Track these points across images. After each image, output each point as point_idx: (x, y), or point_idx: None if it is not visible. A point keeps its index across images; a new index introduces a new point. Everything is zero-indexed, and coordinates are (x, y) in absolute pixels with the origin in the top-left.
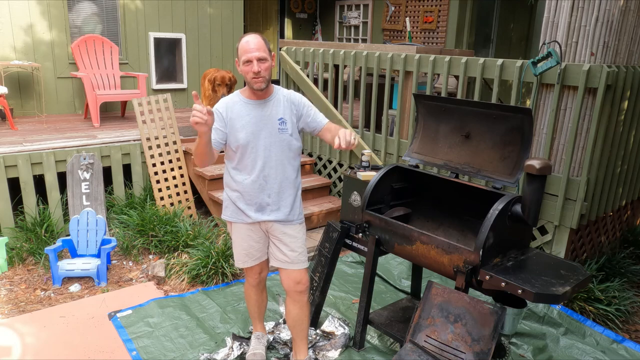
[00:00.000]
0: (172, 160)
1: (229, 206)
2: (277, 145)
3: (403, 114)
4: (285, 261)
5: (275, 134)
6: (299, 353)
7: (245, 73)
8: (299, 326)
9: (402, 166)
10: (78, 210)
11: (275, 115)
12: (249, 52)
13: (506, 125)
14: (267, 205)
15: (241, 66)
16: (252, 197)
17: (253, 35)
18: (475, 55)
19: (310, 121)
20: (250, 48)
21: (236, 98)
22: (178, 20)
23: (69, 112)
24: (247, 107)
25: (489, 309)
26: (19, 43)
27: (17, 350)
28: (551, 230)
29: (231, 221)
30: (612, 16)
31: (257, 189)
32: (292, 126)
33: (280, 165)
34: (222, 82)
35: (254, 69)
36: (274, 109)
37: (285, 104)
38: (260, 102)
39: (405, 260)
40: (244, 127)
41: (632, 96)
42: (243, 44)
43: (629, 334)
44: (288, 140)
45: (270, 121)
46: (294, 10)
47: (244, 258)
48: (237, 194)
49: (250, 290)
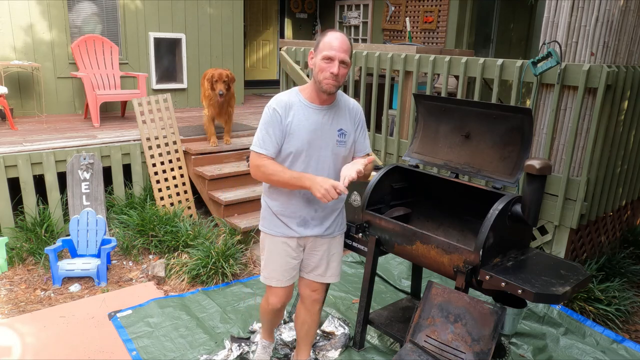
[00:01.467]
0: (172, 160)
1: (267, 217)
2: (332, 157)
3: (403, 114)
4: (320, 275)
5: (333, 145)
6: (301, 354)
7: (320, 70)
8: (308, 333)
9: (402, 166)
10: (78, 210)
11: (336, 125)
12: (334, 50)
13: (506, 125)
14: (312, 219)
15: (317, 60)
16: (296, 210)
17: (340, 33)
18: (475, 55)
19: (357, 143)
20: (337, 46)
21: (295, 98)
22: (178, 20)
23: (69, 112)
24: (307, 111)
25: (489, 309)
26: (19, 43)
27: (17, 350)
28: (551, 230)
29: (269, 234)
30: (612, 16)
31: (303, 202)
32: (350, 139)
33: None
34: (220, 79)
35: (334, 69)
36: (335, 118)
37: (347, 114)
38: (322, 108)
39: (405, 260)
40: (299, 133)
41: (632, 96)
42: (330, 39)
43: (629, 334)
44: (344, 155)
45: (330, 131)
46: (294, 10)
47: (280, 276)
48: (278, 203)
49: (269, 312)
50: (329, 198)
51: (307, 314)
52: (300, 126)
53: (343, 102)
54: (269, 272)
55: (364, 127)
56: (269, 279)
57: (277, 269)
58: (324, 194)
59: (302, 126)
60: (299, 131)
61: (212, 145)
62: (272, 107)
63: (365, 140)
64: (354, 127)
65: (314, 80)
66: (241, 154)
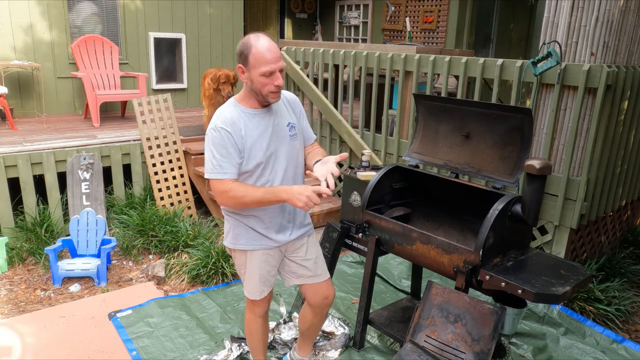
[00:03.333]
0: (172, 160)
1: (242, 233)
2: (291, 154)
3: (403, 114)
4: (309, 275)
5: (288, 142)
6: (303, 349)
7: (262, 85)
8: (313, 332)
9: (402, 166)
10: (78, 210)
11: (283, 121)
12: (272, 63)
13: (506, 125)
14: (289, 222)
15: (256, 76)
16: (272, 218)
17: (266, 39)
18: (475, 55)
19: (304, 131)
20: (271, 58)
21: (235, 111)
22: (178, 20)
23: (69, 112)
24: (254, 118)
25: (489, 309)
26: (19, 43)
27: (17, 350)
28: (551, 230)
29: (249, 249)
30: (612, 16)
31: (278, 208)
32: (299, 129)
33: (297, 176)
34: (227, 80)
35: (278, 82)
36: (279, 115)
37: (288, 107)
38: (265, 111)
39: (405, 260)
40: (259, 143)
41: (632, 96)
42: (262, 52)
43: (629, 334)
44: (299, 147)
45: (281, 129)
46: (294, 10)
47: (261, 287)
48: (253, 217)
49: (256, 323)
50: (311, 205)
51: (315, 317)
52: (255, 136)
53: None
54: (252, 286)
55: (304, 114)
56: (253, 293)
57: (259, 282)
58: (306, 202)
59: (256, 135)
60: (256, 140)
61: None
62: (219, 127)
63: (309, 127)
64: (297, 117)
65: (255, 93)
66: None
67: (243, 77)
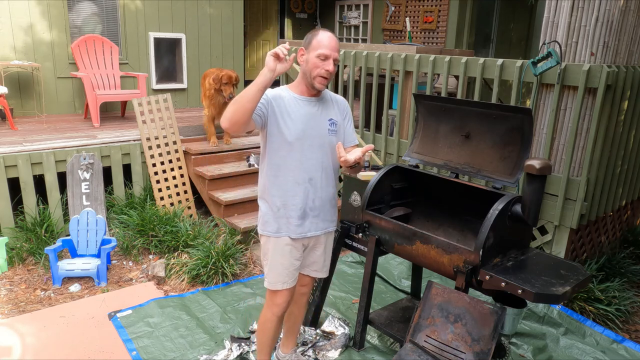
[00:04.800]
0: (172, 160)
1: (270, 219)
2: (325, 146)
3: (403, 114)
4: (316, 270)
5: (325, 134)
6: (287, 345)
7: (315, 66)
8: (295, 323)
9: (402, 166)
10: (78, 210)
11: (326, 115)
12: (330, 49)
13: (506, 125)
14: (311, 210)
15: (311, 57)
16: (296, 202)
17: (331, 33)
18: (475, 55)
19: (345, 133)
20: (332, 45)
21: (284, 93)
22: (178, 20)
23: (69, 112)
24: (299, 102)
25: (489, 309)
26: (19, 43)
27: (17, 350)
28: (551, 230)
29: (273, 236)
30: (612, 16)
31: (301, 193)
32: (340, 129)
33: (327, 168)
34: (229, 81)
35: (329, 67)
36: (324, 109)
37: (334, 104)
38: (312, 100)
39: (405, 260)
40: (293, 123)
41: (632, 96)
42: (324, 38)
43: (629, 334)
44: (335, 143)
45: (322, 121)
46: (294, 10)
47: (285, 277)
48: (278, 196)
49: (272, 321)
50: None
51: (294, 306)
52: (294, 115)
53: (329, 96)
54: (274, 276)
55: (351, 119)
56: (274, 283)
57: (283, 272)
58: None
59: (295, 116)
60: (292, 120)
61: (212, 145)
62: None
63: (353, 131)
64: (342, 117)
65: (305, 76)
66: (241, 154)
67: (301, 59)
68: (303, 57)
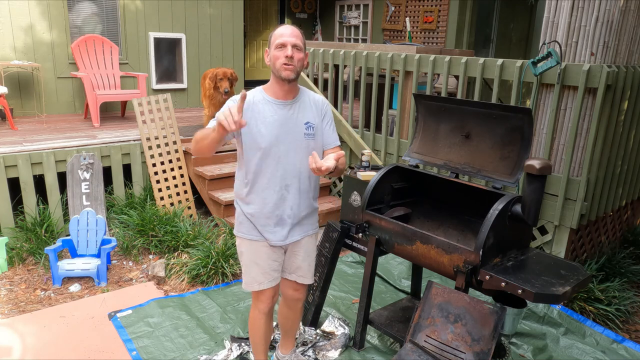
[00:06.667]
0: (172, 160)
1: (245, 222)
2: (301, 151)
3: (403, 114)
4: (302, 276)
5: (301, 139)
6: (286, 346)
7: (275, 59)
8: (292, 326)
9: (402, 166)
10: (78, 210)
11: (302, 118)
12: (284, 37)
13: (506, 125)
14: (288, 217)
15: (272, 51)
16: (271, 209)
17: (291, 25)
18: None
19: (325, 135)
20: (285, 33)
21: (259, 95)
22: (178, 20)
23: (69, 112)
24: (272, 106)
25: (489, 309)
26: (19, 43)
27: (17, 350)
28: (551, 230)
29: (248, 238)
30: (612, 16)
31: (277, 200)
32: (319, 132)
33: (304, 173)
34: (224, 77)
35: (287, 52)
36: (300, 111)
37: (312, 106)
38: (286, 103)
39: (405, 260)
40: (267, 129)
41: (632, 96)
42: (279, 30)
43: (629, 334)
44: (313, 147)
45: (297, 125)
46: (294, 10)
47: (261, 278)
48: (254, 206)
49: (259, 319)
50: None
51: (290, 311)
52: (267, 121)
53: (308, 97)
54: (249, 277)
55: (331, 120)
56: (249, 284)
57: (258, 273)
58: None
59: (269, 121)
60: (265, 125)
61: None
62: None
63: (333, 132)
64: (321, 119)
65: (273, 72)
66: None
67: (267, 60)
68: (268, 56)
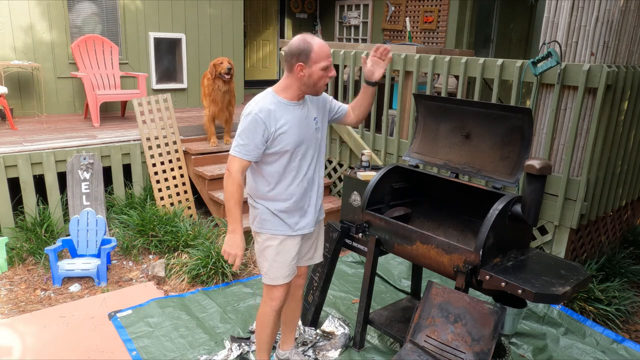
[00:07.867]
0: (172, 160)
1: (269, 218)
2: (314, 145)
3: (403, 114)
4: (309, 258)
5: (313, 133)
6: (286, 343)
7: (320, 78)
8: (292, 319)
9: (402, 166)
10: (78, 210)
11: (311, 115)
12: (329, 58)
13: (506, 125)
14: (309, 207)
15: (314, 71)
16: (296, 203)
17: (320, 39)
18: (475, 55)
19: (339, 110)
20: (329, 53)
21: (274, 100)
22: (178, 20)
23: (69, 112)
24: (288, 108)
25: (489, 309)
26: (19, 43)
27: (17, 350)
28: (551, 230)
29: (274, 234)
30: (612, 16)
31: (301, 194)
32: (324, 124)
33: (318, 165)
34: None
35: (332, 72)
36: (308, 109)
37: (311, 102)
38: (299, 103)
39: (405, 260)
40: (290, 131)
41: (632, 96)
42: (322, 47)
43: (629, 334)
44: (321, 140)
45: (309, 122)
46: (294, 10)
47: (286, 272)
48: (280, 203)
49: (270, 316)
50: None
51: (291, 299)
52: (288, 124)
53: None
54: (276, 272)
55: (332, 98)
56: (276, 279)
57: (285, 268)
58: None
59: (290, 124)
60: (288, 129)
61: (212, 145)
62: (255, 114)
63: (339, 103)
64: (325, 107)
65: (307, 87)
66: None
67: (300, 73)
68: (304, 71)
